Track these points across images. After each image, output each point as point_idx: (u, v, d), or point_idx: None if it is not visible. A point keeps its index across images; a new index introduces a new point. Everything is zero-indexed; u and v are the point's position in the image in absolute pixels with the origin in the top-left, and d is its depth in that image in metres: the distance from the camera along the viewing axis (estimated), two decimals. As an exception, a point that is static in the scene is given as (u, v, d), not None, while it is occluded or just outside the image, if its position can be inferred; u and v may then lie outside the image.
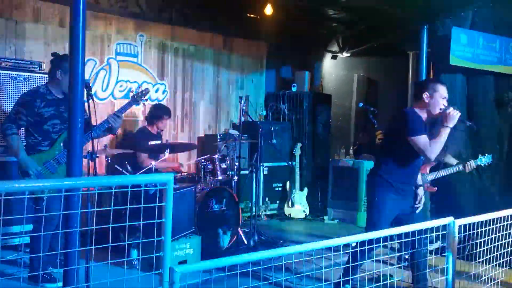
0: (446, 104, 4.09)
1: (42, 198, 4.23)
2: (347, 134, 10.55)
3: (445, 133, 3.95)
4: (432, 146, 3.95)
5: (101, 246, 2.50)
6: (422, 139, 3.97)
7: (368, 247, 3.21)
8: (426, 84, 4.21)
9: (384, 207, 4.13)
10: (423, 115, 4.13)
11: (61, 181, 2.20)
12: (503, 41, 6.98)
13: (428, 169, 5.56)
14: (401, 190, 4.16)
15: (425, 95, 4.09)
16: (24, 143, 4.59)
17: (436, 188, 5.59)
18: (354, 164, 8.17)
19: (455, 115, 3.94)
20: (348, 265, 3.88)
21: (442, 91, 4.11)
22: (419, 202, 4.39)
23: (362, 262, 3.79)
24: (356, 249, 3.52)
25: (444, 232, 3.30)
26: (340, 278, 3.89)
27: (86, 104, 3.80)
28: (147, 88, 5.05)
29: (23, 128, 4.64)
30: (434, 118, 4.11)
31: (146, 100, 5.20)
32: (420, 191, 4.40)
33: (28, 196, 4.20)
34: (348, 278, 3.72)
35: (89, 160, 4.04)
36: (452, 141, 4.27)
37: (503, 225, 3.79)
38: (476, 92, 7.02)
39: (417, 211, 4.41)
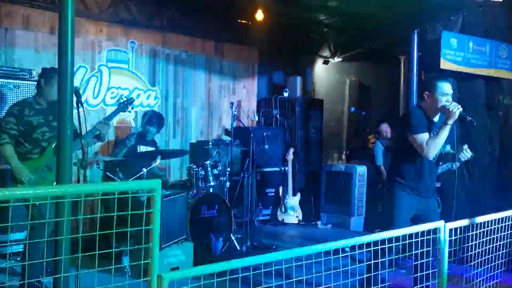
0: (450, 99, 4.09)
1: (35, 204, 4.22)
2: (339, 139, 10.57)
3: (443, 131, 3.97)
4: (429, 145, 3.97)
5: (89, 253, 2.48)
6: (419, 137, 4.00)
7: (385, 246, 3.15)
8: (427, 83, 4.30)
9: (400, 204, 4.15)
10: (429, 112, 4.17)
11: (48, 188, 2.19)
12: (492, 44, 7.03)
13: None
14: (415, 189, 4.17)
15: (425, 94, 4.17)
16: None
17: (440, 183, 5.60)
18: (347, 169, 8.18)
19: (455, 111, 3.95)
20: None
21: (441, 88, 4.12)
22: None
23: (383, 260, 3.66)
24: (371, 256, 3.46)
25: (435, 235, 3.30)
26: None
27: (76, 111, 3.79)
28: (132, 98, 5.30)
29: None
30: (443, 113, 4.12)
31: (132, 108, 5.62)
32: None
33: (18, 204, 4.19)
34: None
35: (79, 167, 4.03)
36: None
37: (495, 228, 3.80)
38: (466, 95, 7.06)
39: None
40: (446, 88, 4.13)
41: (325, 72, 10.55)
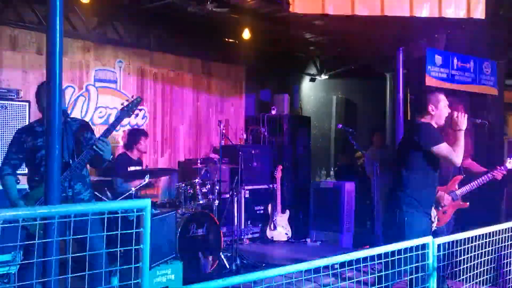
0: (449, 110, 4.14)
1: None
2: (327, 156, 10.62)
3: (461, 137, 4.00)
4: (456, 151, 3.96)
5: (78, 274, 2.47)
6: (445, 147, 3.98)
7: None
8: (428, 97, 4.23)
9: (414, 230, 3.91)
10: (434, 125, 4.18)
11: (35, 209, 2.18)
12: (476, 61, 7.13)
13: (456, 185, 5.16)
14: (428, 209, 4.09)
15: (430, 108, 4.13)
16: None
17: (468, 203, 5.25)
18: (335, 186, 8.21)
19: (463, 118, 4.00)
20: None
21: (444, 100, 4.17)
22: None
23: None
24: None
25: (424, 251, 3.32)
26: None
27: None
28: (139, 96, 4.06)
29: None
30: (442, 127, 4.15)
31: (140, 110, 3.84)
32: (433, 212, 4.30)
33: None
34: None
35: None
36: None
37: (483, 243, 3.82)
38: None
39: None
40: (446, 99, 4.21)
41: (312, 90, 10.63)
